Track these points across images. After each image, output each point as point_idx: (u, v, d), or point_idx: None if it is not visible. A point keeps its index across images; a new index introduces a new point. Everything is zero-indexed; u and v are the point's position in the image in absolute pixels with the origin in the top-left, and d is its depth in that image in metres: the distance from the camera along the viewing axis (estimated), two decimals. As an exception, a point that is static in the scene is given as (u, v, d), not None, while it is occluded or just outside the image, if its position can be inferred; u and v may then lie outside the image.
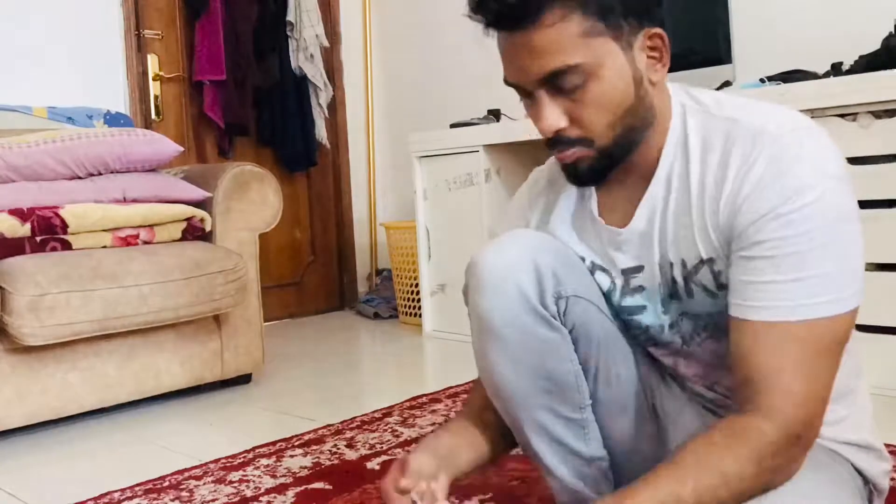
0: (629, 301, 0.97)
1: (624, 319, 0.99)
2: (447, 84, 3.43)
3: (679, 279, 0.90)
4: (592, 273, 0.98)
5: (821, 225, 0.77)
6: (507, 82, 0.88)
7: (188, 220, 2.23)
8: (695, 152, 0.87)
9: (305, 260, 3.65)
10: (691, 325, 0.94)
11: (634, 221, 0.92)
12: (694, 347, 0.95)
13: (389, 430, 1.81)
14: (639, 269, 0.94)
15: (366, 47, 3.78)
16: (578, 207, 0.99)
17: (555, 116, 0.84)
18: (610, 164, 0.88)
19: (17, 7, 2.71)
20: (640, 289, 0.95)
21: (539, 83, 0.83)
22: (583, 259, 0.98)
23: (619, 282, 0.96)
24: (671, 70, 0.87)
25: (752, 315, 0.79)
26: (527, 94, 0.86)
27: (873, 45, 2.01)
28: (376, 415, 1.94)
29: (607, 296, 0.98)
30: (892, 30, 1.98)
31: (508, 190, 2.73)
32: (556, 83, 0.82)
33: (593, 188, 0.97)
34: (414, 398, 2.06)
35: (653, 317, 0.96)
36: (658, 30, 0.86)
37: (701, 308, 0.91)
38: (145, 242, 2.16)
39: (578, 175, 0.89)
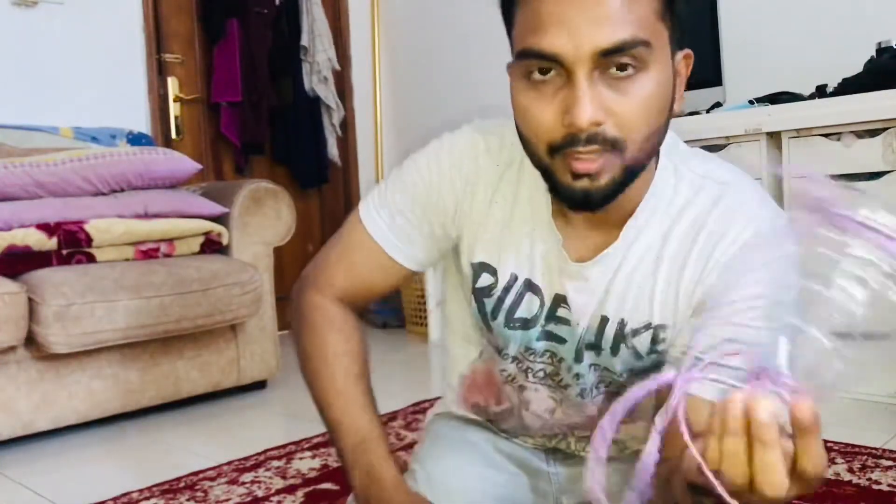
0: (552, 328, 0.85)
1: (534, 347, 0.88)
2: (454, 106, 3.45)
3: (609, 336, 0.82)
4: (522, 294, 0.85)
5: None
6: (530, 53, 0.68)
7: (206, 234, 2.26)
8: (686, 216, 0.78)
9: (318, 273, 3.71)
10: (596, 377, 0.87)
11: (591, 265, 0.80)
12: (587, 399, 0.89)
13: (394, 433, 1.86)
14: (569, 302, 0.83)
15: (375, 70, 3.82)
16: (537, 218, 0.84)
17: (598, 105, 0.66)
18: (623, 185, 0.71)
19: (45, 34, 2.76)
20: (565, 321, 0.84)
21: (591, 58, 0.65)
22: (515, 276, 0.85)
23: (548, 305, 0.85)
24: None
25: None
26: (561, 74, 0.67)
27: (856, 68, 2.05)
28: (382, 419, 1.97)
29: (526, 322, 0.86)
30: (874, 54, 2.03)
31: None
32: (612, 63, 0.66)
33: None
34: (417, 403, 2.10)
35: (569, 353, 0.86)
36: (690, 52, 0.75)
37: (619, 366, 0.84)
38: (166, 255, 2.19)
39: (591, 192, 0.70)
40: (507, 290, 0.86)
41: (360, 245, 0.92)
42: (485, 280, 0.88)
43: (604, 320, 0.82)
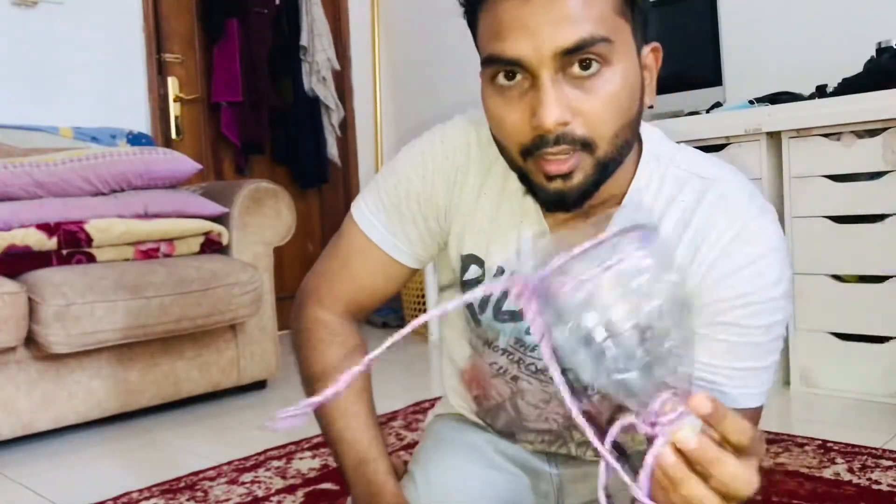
0: None
1: (525, 339, 0.87)
2: (453, 107, 3.46)
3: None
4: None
5: (781, 319, 0.74)
6: (494, 60, 0.69)
7: (206, 234, 2.26)
8: (671, 213, 0.77)
9: (318, 273, 3.71)
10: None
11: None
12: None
13: (394, 433, 1.87)
14: None
15: (375, 70, 3.83)
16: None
17: (563, 105, 0.66)
18: (598, 182, 0.71)
19: (45, 34, 2.77)
20: None
21: (553, 59, 0.66)
22: (502, 269, 0.85)
23: None
24: (665, 91, 0.78)
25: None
26: (527, 77, 0.68)
27: (856, 68, 2.05)
28: (382, 419, 1.96)
29: (514, 315, 0.85)
30: (874, 54, 2.03)
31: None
32: (573, 61, 0.66)
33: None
34: (417, 403, 2.11)
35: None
36: (658, 45, 0.75)
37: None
38: (166, 255, 2.19)
39: (565, 192, 0.70)
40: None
41: (359, 250, 0.91)
42: (473, 272, 0.87)
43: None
